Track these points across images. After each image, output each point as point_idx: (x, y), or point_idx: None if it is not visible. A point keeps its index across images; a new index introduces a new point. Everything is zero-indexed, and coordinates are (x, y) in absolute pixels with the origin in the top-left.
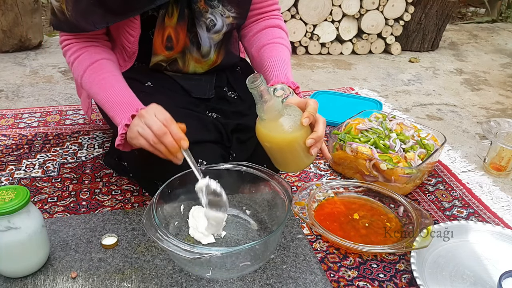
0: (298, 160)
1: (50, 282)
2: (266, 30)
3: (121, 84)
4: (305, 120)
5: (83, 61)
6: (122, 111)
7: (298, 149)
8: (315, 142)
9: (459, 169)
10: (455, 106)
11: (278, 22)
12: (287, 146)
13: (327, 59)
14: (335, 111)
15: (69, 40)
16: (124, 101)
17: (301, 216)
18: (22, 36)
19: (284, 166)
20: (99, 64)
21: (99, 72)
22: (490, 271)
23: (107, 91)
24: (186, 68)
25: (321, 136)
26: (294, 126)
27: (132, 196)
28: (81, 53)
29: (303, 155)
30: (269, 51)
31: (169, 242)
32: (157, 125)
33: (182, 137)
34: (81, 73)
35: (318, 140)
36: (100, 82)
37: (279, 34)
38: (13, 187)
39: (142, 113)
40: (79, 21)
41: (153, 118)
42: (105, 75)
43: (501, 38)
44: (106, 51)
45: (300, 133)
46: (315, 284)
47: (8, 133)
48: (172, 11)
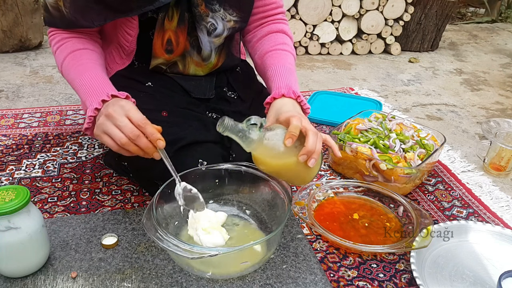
0: (300, 176)
1: (50, 282)
2: (269, 36)
3: (96, 70)
4: (287, 142)
5: (65, 49)
6: (93, 95)
7: (294, 168)
8: (308, 156)
9: (458, 169)
10: (455, 106)
11: (282, 27)
12: (282, 169)
13: (327, 59)
14: (335, 111)
15: (56, 30)
16: (96, 84)
17: (301, 216)
18: (22, 36)
19: (291, 183)
20: (80, 53)
21: (78, 59)
22: (490, 271)
23: (82, 76)
24: (186, 71)
25: (311, 149)
26: (280, 150)
27: (132, 196)
28: (64, 42)
29: (303, 170)
30: (272, 58)
31: (169, 242)
32: (128, 128)
33: (158, 137)
34: (61, 60)
35: (310, 154)
36: (77, 68)
37: (282, 39)
38: (13, 187)
39: (110, 112)
40: (77, 18)
41: (123, 119)
42: (83, 61)
43: (500, 38)
44: (90, 43)
45: (289, 154)
46: (315, 284)
47: (8, 133)
48: (172, 15)
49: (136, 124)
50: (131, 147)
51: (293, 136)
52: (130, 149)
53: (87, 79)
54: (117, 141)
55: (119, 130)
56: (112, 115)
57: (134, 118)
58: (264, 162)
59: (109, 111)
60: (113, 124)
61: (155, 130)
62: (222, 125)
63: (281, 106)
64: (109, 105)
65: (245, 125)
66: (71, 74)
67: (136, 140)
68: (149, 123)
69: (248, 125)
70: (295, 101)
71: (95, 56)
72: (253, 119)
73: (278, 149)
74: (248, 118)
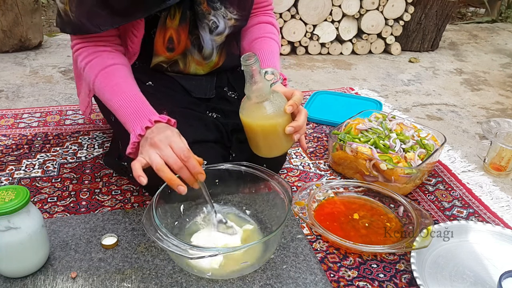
0: (276, 143)
1: (50, 282)
2: (259, 25)
3: (133, 91)
4: (288, 108)
5: (95, 66)
6: (134, 120)
7: (277, 134)
8: (294, 130)
9: (459, 169)
10: (455, 106)
11: (270, 19)
12: (268, 128)
13: (327, 59)
14: (335, 111)
15: (80, 44)
16: (135, 107)
17: (301, 216)
18: (22, 36)
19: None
20: (111, 70)
21: (111, 77)
22: (490, 271)
23: (119, 97)
24: (187, 70)
25: (301, 125)
26: (277, 111)
27: (132, 196)
28: (92, 57)
29: (282, 139)
30: (260, 44)
31: (169, 242)
32: (172, 159)
33: (200, 171)
34: (92, 78)
35: (298, 129)
36: (113, 88)
37: (270, 29)
38: (13, 187)
39: (156, 142)
40: (84, 23)
41: (168, 151)
42: (118, 81)
43: (501, 38)
44: (119, 56)
45: (282, 119)
46: (315, 284)
47: (8, 133)
48: (174, 13)
49: (179, 157)
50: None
51: (295, 104)
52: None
53: (125, 101)
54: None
55: (163, 162)
56: (157, 144)
57: (177, 149)
58: (253, 116)
59: (154, 140)
60: (158, 154)
61: (196, 164)
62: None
63: None
64: (153, 132)
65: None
66: (107, 94)
67: (179, 172)
68: (191, 156)
69: (264, 72)
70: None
71: (126, 71)
72: (270, 72)
73: (276, 110)
74: (265, 70)
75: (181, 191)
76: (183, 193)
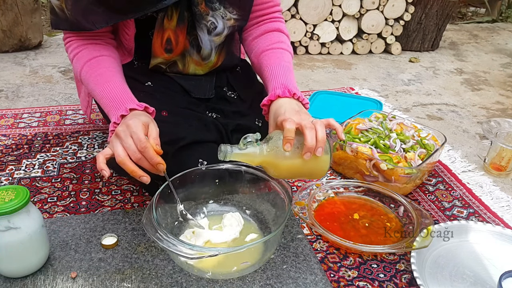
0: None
1: (50, 282)
2: (266, 35)
3: (115, 79)
4: (286, 147)
5: (82, 57)
6: (113, 108)
7: (305, 166)
8: (311, 152)
9: (459, 169)
10: (455, 106)
11: (278, 26)
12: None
13: (327, 59)
14: (335, 111)
15: (71, 37)
16: (117, 97)
17: (301, 216)
18: (22, 36)
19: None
20: (97, 60)
21: (97, 67)
22: (490, 271)
23: (102, 86)
24: (186, 70)
25: (311, 146)
26: (285, 155)
27: (132, 196)
28: (81, 49)
29: (314, 163)
30: (268, 58)
31: (169, 242)
32: (131, 150)
33: (158, 161)
34: (79, 69)
35: (312, 150)
36: (97, 77)
37: (278, 38)
38: (13, 187)
39: (118, 132)
40: (79, 20)
41: (129, 141)
42: (102, 70)
43: (501, 38)
44: (107, 48)
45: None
46: (315, 284)
47: (8, 133)
48: (171, 14)
49: (137, 147)
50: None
51: (290, 140)
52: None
53: (106, 91)
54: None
55: (125, 154)
56: (119, 135)
57: (135, 139)
58: (274, 170)
59: (117, 130)
60: (120, 144)
61: (154, 154)
62: (221, 152)
63: (277, 108)
64: (122, 123)
65: (242, 145)
66: (91, 84)
67: (138, 162)
68: (148, 146)
69: (245, 143)
70: (291, 99)
71: (112, 62)
72: (249, 137)
73: (283, 155)
74: (244, 136)
75: (144, 181)
76: (146, 182)
